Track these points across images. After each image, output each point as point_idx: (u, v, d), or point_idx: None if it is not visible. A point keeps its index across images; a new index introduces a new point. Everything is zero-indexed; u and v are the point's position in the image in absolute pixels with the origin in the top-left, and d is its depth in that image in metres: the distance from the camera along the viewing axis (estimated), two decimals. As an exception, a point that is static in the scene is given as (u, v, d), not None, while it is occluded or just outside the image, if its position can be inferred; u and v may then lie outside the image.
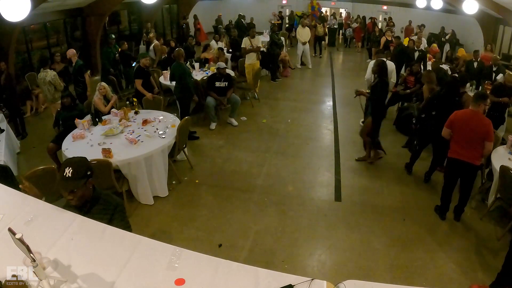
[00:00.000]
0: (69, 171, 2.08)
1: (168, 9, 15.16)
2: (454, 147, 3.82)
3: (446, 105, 4.38)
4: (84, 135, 4.47)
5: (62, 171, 2.10)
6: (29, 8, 3.27)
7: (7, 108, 6.11)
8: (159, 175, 4.28)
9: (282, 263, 3.44)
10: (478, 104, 3.66)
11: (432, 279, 3.26)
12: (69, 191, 2.10)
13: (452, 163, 3.90)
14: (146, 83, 6.00)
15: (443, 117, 3.99)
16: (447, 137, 3.88)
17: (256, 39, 8.16)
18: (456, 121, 3.74)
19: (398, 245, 3.70)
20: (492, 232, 3.90)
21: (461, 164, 3.79)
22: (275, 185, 4.78)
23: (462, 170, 3.86)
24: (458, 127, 3.74)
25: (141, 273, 1.64)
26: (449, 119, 3.81)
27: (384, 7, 16.50)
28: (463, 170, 3.84)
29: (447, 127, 3.84)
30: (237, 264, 1.69)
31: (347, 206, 4.38)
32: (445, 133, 3.88)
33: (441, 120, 4.06)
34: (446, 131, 3.86)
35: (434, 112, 4.57)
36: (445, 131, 3.87)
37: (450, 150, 3.87)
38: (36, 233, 1.83)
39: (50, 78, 6.04)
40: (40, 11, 7.94)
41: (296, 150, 5.79)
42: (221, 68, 6.47)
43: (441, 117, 4.14)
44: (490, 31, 11.33)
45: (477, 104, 3.66)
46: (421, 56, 8.12)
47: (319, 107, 8.01)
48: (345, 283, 1.54)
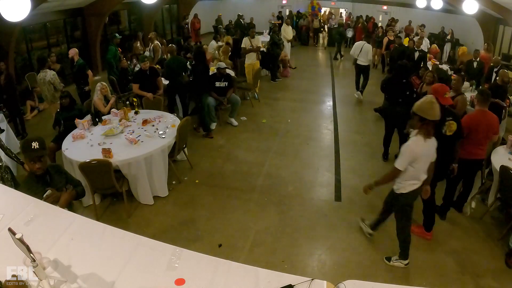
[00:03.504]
0: (36, 144, 2.54)
1: (168, 9, 15.16)
2: (470, 148, 3.77)
3: (396, 86, 5.10)
4: (84, 135, 4.47)
5: (28, 146, 2.53)
6: (29, 8, 3.28)
7: (7, 108, 6.11)
8: (159, 175, 4.28)
9: (282, 263, 3.44)
10: (486, 103, 3.72)
11: (432, 279, 3.26)
12: (38, 159, 2.57)
13: (467, 164, 3.83)
14: (149, 84, 5.94)
15: (395, 98, 4.72)
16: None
17: (256, 39, 8.16)
18: (472, 125, 3.71)
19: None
20: (492, 232, 3.90)
21: (476, 163, 3.86)
22: (275, 185, 4.78)
23: (474, 169, 3.93)
24: (475, 129, 3.71)
25: (141, 273, 1.64)
26: (464, 126, 3.64)
27: (384, 7, 16.52)
28: (475, 168, 3.93)
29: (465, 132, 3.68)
30: (237, 264, 1.69)
31: (347, 206, 4.38)
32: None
33: (393, 102, 4.98)
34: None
35: (387, 96, 5.29)
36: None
37: (466, 152, 3.77)
38: (36, 233, 1.83)
39: (50, 78, 6.04)
40: (40, 11, 7.94)
41: (296, 150, 5.79)
42: (221, 68, 6.47)
43: (394, 98, 4.99)
44: (490, 31, 11.33)
45: (486, 103, 3.71)
46: (421, 56, 8.12)
47: (319, 107, 8.01)
48: (345, 283, 1.54)
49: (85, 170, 3.70)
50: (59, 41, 9.73)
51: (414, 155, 2.90)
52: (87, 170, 3.71)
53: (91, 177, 3.78)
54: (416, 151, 2.90)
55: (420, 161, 2.94)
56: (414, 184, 3.06)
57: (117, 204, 4.32)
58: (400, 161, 2.95)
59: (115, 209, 4.27)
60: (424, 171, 3.05)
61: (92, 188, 3.91)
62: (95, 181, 3.85)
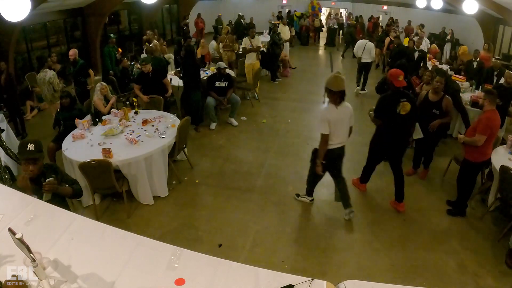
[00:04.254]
0: (32, 146, 2.56)
1: (168, 9, 15.16)
2: (485, 150, 3.79)
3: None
4: (84, 135, 4.47)
5: (24, 147, 2.56)
6: (29, 8, 3.27)
7: (7, 108, 6.11)
8: (159, 175, 4.28)
9: (282, 263, 3.44)
10: (495, 102, 3.75)
11: (432, 279, 3.26)
12: (32, 161, 2.57)
13: (481, 164, 3.98)
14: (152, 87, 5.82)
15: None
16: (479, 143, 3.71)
17: (256, 39, 8.16)
18: (494, 126, 3.72)
19: (398, 245, 3.70)
20: (492, 232, 3.90)
21: (485, 163, 3.98)
22: (275, 185, 4.78)
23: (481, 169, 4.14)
24: (495, 130, 3.76)
25: (141, 273, 1.64)
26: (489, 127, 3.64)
27: (384, 7, 16.51)
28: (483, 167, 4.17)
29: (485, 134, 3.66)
30: (237, 264, 1.69)
31: (347, 206, 4.38)
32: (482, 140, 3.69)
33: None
34: (482, 138, 3.68)
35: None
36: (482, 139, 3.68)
37: (483, 154, 3.81)
38: (36, 233, 1.83)
39: (49, 78, 6.04)
40: (40, 11, 7.94)
41: (296, 150, 5.79)
42: (221, 68, 6.47)
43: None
44: (490, 31, 11.32)
45: (495, 102, 3.74)
46: (421, 56, 8.11)
47: (319, 107, 8.01)
48: (345, 283, 1.54)
49: (85, 170, 3.70)
50: (59, 41, 9.73)
51: (328, 119, 3.55)
52: (87, 170, 3.71)
53: (91, 177, 3.78)
54: (329, 117, 3.56)
55: (335, 124, 3.59)
56: (332, 144, 3.69)
57: (117, 204, 4.32)
58: (320, 127, 3.61)
59: (115, 209, 4.27)
60: (340, 134, 3.70)
61: (92, 188, 3.91)
62: (95, 181, 3.85)
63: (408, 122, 4.03)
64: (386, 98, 4.05)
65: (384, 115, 4.04)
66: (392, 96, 3.96)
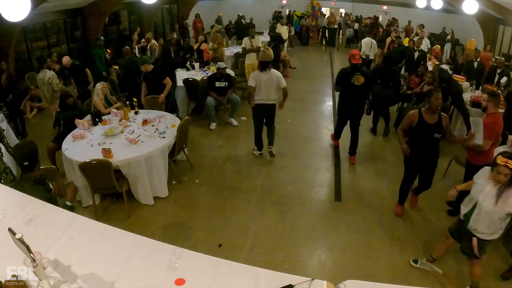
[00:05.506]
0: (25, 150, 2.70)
1: (168, 9, 15.16)
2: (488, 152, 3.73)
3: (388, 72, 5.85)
4: (84, 135, 4.47)
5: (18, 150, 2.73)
6: (29, 8, 3.27)
7: (7, 108, 6.11)
8: (159, 175, 4.28)
9: (282, 263, 3.44)
10: (499, 104, 3.74)
11: (432, 279, 3.26)
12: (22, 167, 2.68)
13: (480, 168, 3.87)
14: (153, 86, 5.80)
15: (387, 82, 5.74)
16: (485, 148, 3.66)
17: (256, 39, 8.16)
18: (499, 130, 3.69)
19: (398, 245, 3.70)
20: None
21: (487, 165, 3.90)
22: (275, 185, 4.78)
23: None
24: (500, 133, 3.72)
25: (141, 273, 1.64)
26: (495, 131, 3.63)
27: (384, 7, 16.52)
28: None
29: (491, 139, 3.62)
30: (237, 264, 1.69)
31: (347, 206, 4.38)
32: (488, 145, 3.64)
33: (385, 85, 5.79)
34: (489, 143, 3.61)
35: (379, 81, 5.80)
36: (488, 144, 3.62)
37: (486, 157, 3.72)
38: (36, 233, 1.83)
39: (48, 78, 6.04)
40: (40, 11, 7.94)
41: (296, 150, 5.79)
42: (221, 68, 6.47)
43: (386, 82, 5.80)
44: (490, 31, 11.31)
45: (499, 105, 3.72)
46: (421, 56, 8.11)
47: (319, 107, 8.01)
48: (345, 283, 1.54)
49: (85, 170, 3.70)
50: (59, 41, 9.74)
51: (254, 79, 4.79)
52: (87, 170, 3.71)
53: (91, 177, 3.78)
54: (254, 77, 4.81)
55: (260, 85, 4.80)
56: (260, 100, 4.88)
57: (117, 204, 4.32)
58: (249, 82, 4.87)
59: (115, 209, 4.27)
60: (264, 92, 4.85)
61: (92, 188, 3.92)
62: (95, 181, 3.85)
63: (362, 92, 4.94)
64: (344, 72, 4.92)
65: (342, 85, 4.93)
66: (349, 70, 4.84)
